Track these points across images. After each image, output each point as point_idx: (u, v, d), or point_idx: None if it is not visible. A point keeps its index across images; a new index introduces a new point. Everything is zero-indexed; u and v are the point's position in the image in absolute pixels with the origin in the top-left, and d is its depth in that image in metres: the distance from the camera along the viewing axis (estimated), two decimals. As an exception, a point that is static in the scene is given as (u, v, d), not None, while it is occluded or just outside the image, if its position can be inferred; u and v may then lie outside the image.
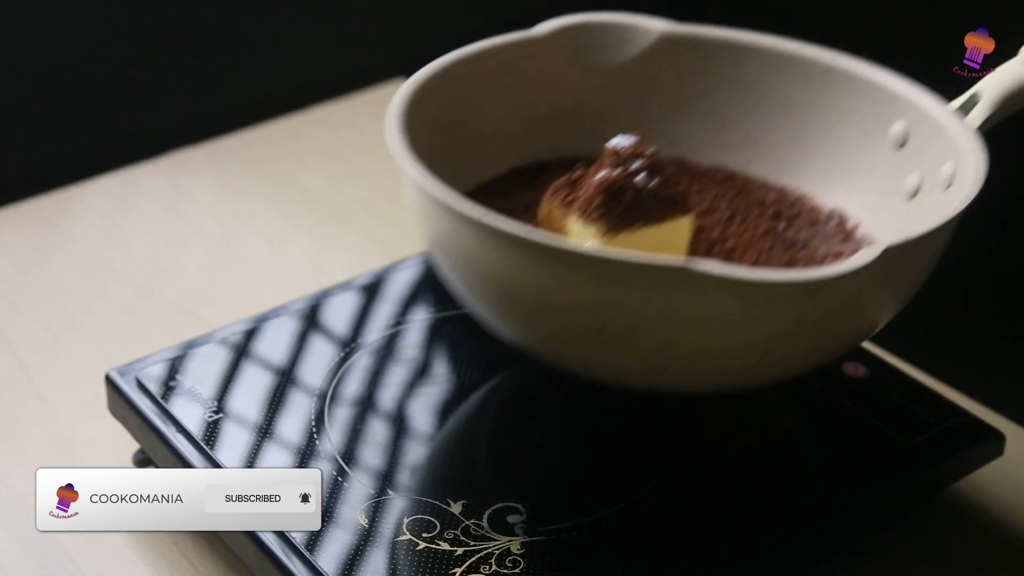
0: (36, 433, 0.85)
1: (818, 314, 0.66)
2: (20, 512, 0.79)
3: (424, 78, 0.79)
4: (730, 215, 0.81)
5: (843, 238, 0.81)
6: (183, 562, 0.76)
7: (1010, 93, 0.75)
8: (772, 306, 0.64)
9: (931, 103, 0.78)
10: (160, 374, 0.79)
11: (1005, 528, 0.80)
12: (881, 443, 0.77)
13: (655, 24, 0.86)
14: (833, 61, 0.82)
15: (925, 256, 0.70)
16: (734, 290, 0.62)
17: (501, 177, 0.85)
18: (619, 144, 0.73)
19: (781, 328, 0.66)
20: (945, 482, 0.80)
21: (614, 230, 0.71)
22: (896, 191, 0.79)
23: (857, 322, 0.70)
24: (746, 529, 0.72)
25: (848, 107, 0.81)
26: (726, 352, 0.67)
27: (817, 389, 0.81)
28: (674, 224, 0.73)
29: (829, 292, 0.64)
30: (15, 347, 0.92)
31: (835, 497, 0.74)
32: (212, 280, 1.00)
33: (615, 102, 0.86)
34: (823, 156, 0.83)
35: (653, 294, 0.64)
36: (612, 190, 0.71)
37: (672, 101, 0.86)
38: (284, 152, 1.17)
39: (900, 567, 0.77)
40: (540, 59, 0.84)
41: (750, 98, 0.85)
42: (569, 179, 0.74)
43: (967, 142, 0.74)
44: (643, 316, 0.65)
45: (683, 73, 0.86)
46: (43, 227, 1.06)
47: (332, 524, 0.70)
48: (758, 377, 0.70)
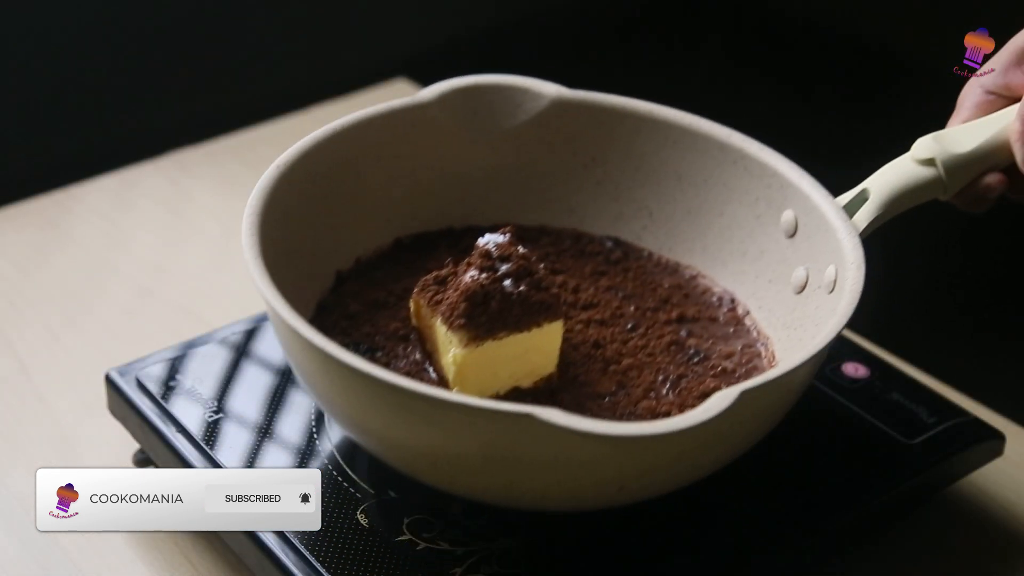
0: (36, 433, 0.85)
1: (671, 455, 0.64)
2: (20, 512, 0.79)
3: (300, 150, 0.76)
4: (633, 325, 0.77)
5: (735, 329, 0.78)
6: (183, 562, 0.76)
7: (898, 193, 0.73)
8: (620, 451, 0.62)
9: (820, 196, 0.74)
10: (160, 374, 0.79)
11: (1005, 528, 0.80)
12: (881, 443, 0.77)
13: (547, 88, 0.83)
14: (728, 139, 0.80)
15: (790, 387, 0.68)
16: (579, 439, 0.60)
17: (383, 250, 0.82)
18: (489, 243, 0.70)
19: (633, 468, 0.64)
20: (945, 482, 0.80)
21: (478, 339, 0.68)
22: (785, 282, 0.77)
23: (722, 450, 0.67)
24: (746, 529, 0.72)
25: (742, 187, 0.79)
26: (580, 486, 0.65)
27: (816, 389, 0.81)
28: (543, 330, 0.70)
29: (678, 439, 0.61)
30: (15, 347, 0.92)
31: (835, 497, 0.74)
32: (212, 280, 1.00)
33: (506, 167, 0.84)
34: (716, 234, 0.81)
35: (497, 438, 0.62)
36: (476, 298, 0.68)
37: (565, 168, 0.84)
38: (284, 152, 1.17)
39: (900, 567, 0.77)
40: (427, 125, 0.82)
41: (644, 168, 0.83)
42: (437, 276, 0.72)
43: (850, 250, 0.71)
44: (488, 457, 0.63)
45: (576, 139, 0.83)
46: (43, 227, 1.06)
47: (332, 524, 0.70)
48: (624, 500, 0.67)
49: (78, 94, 1.16)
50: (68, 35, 1.12)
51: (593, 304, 0.79)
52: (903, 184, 0.73)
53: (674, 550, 0.70)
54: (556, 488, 0.65)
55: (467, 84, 0.83)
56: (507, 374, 0.71)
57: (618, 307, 0.79)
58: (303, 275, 0.76)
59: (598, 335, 0.76)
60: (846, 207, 0.74)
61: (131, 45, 1.17)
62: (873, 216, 0.73)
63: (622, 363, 0.75)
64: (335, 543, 0.69)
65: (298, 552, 0.68)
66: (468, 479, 0.66)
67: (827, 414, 0.79)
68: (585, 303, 0.79)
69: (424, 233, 0.84)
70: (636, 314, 0.78)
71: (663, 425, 0.60)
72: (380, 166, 0.81)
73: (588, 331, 0.76)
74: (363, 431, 0.68)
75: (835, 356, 0.83)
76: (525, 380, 0.71)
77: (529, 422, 0.60)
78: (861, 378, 0.82)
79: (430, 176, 0.83)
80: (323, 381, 0.67)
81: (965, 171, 0.73)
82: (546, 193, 0.85)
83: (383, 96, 1.23)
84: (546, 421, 0.59)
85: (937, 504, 0.80)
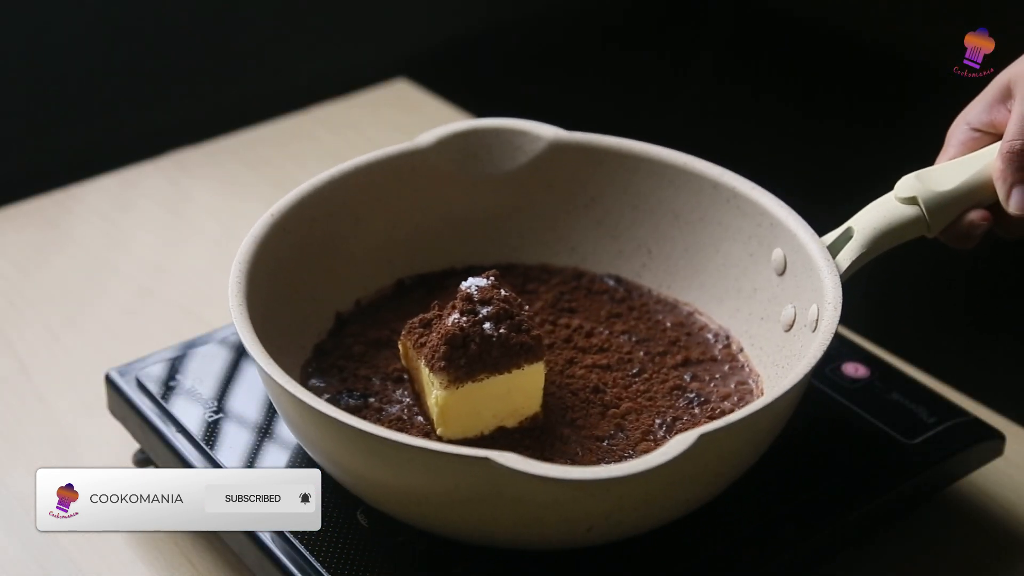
0: (36, 433, 0.85)
1: (637, 497, 0.64)
2: (20, 512, 0.79)
3: (295, 198, 0.78)
4: (638, 370, 0.77)
5: (730, 367, 0.78)
6: (183, 562, 0.76)
7: (881, 232, 0.72)
8: (583, 493, 0.62)
9: (807, 235, 0.74)
10: (160, 374, 0.79)
11: (1005, 528, 0.80)
12: (881, 443, 0.77)
13: (545, 130, 0.84)
14: (721, 177, 0.80)
15: (756, 429, 0.67)
16: (538, 483, 0.61)
17: (385, 292, 0.83)
18: (471, 287, 0.72)
19: (599, 510, 0.64)
20: (945, 482, 0.80)
21: (459, 381, 0.70)
22: (776, 320, 0.77)
23: (695, 490, 0.67)
24: (746, 529, 0.72)
25: (735, 225, 0.80)
26: (547, 527, 0.65)
27: (817, 389, 0.81)
28: (524, 372, 0.71)
29: (636, 481, 0.61)
30: (15, 347, 0.92)
31: (835, 497, 0.74)
32: (212, 280, 1.00)
33: (507, 208, 0.85)
34: (713, 272, 0.81)
35: (460, 481, 0.63)
36: (456, 341, 0.70)
37: (565, 208, 0.85)
38: (284, 152, 1.17)
39: (900, 567, 0.77)
40: (427, 170, 0.83)
41: (642, 207, 0.83)
42: (423, 319, 0.73)
43: (830, 290, 0.70)
44: (454, 500, 0.64)
45: (575, 180, 0.84)
46: (43, 227, 1.06)
47: (332, 524, 0.70)
48: (598, 540, 0.66)
49: (78, 94, 1.16)
50: (68, 35, 1.12)
51: (604, 348, 0.79)
52: (886, 223, 0.72)
53: (673, 550, 0.70)
54: (525, 529, 0.65)
55: (464, 129, 0.84)
56: (490, 414, 0.72)
57: (629, 352, 0.79)
58: (301, 318, 0.78)
59: (599, 380, 0.77)
60: (831, 246, 0.73)
61: (131, 45, 1.17)
62: (856, 255, 0.72)
63: (621, 407, 0.75)
64: (335, 543, 0.69)
65: (298, 552, 0.68)
66: (439, 519, 0.67)
67: (827, 414, 0.79)
68: (597, 347, 0.79)
69: (427, 274, 0.85)
70: (644, 359, 0.79)
71: (618, 469, 0.61)
72: (380, 210, 0.82)
73: (591, 375, 0.77)
74: (337, 469, 0.69)
75: (835, 356, 0.83)
76: (509, 420, 0.72)
77: (486, 466, 0.61)
78: (861, 378, 0.82)
79: (431, 219, 0.84)
80: (299, 423, 0.68)
81: (947, 210, 0.72)
82: (547, 233, 0.86)
83: (383, 96, 1.24)
84: (502, 465, 0.60)
85: (937, 504, 0.80)
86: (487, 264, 0.84)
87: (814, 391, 0.80)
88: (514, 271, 0.85)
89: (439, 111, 1.20)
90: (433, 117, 1.16)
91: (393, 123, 1.19)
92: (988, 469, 0.81)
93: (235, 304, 0.70)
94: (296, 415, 0.67)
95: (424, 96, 1.23)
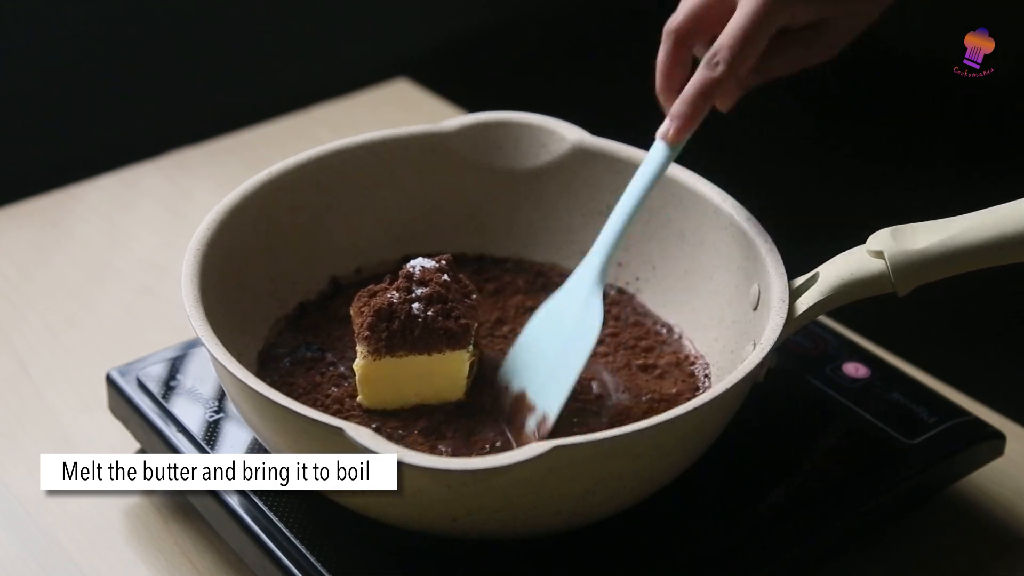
0: (36, 433, 0.85)
1: (497, 497, 0.63)
2: (20, 512, 0.79)
3: (303, 159, 0.81)
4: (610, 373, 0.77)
5: (689, 396, 0.76)
6: (183, 562, 0.76)
7: (843, 283, 0.69)
8: (437, 483, 0.62)
9: (777, 274, 0.72)
10: (161, 374, 0.79)
11: (1005, 528, 0.80)
12: (881, 443, 0.77)
13: (571, 132, 0.84)
14: (722, 204, 0.78)
15: (615, 451, 0.63)
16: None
17: (387, 264, 0.84)
18: (415, 267, 0.73)
19: (460, 504, 0.63)
20: (945, 482, 0.80)
21: (377, 353, 0.71)
22: (740, 354, 0.75)
23: (567, 504, 0.65)
24: (746, 529, 0.72)
25: (728, 254, 0.78)
26: (412, 510, 0.65)
27: (817, 389, 0.81)
28: (446, 357, 0.72)
29: (497, 478, 0.61)
30: (15, 347, 0.92)
31: (835, 497, 0.74)
32: (212, 280, 1.00)
33: (522, 204, 0.86)
34: (704, 296, 0.80)
35: (323, 448, 0.64)
36: (382, 314, 0.71)
37: (580, 212, 0.85)
38: (284, 152, 1.16)
39: (900, 567, 0.77)
40: (446, 153, 0.84)
41: (652, 222, 0.83)
42: (371, 290, 0.74)
43: (769, 331, 0.69)
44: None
45: (594, 186, 0.84)
46: (43, 227, 1.06)
47: (332, 524, 0.70)
48: (467, 533, 0.66)
49: (78, 94, 1.16)
50: (68, 35, 1.12)
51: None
52: (849, 274, 0.69)
53: (673, 550, 0.70)
54: (391, 508, 0.66)
55: (493, 119, 0.85)
56: (412, 392, 0.73)
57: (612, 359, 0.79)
58: (290, 278, 0.80)
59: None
60: (797, 288, 0.71)
61: (131, 45, 1.17)
62: (814, 302, 0.69)
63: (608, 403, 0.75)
64: (335, 542, 0.69)
65: (298, 552, 0.68)
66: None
67: (827, 414, 0.79)
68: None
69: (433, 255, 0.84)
70: (605, 354, 0.79)
71: (445, 463, 0.61)
72: (392, 185, 0.83)
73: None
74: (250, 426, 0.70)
75: (835, 356, 0.83)
76: (432, 401, 0.73)
77: (340, 436, 0.62)
78: (861, 378, 0.82)
79: (444, 203, 0.85)
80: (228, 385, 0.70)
81: (917, 273, 0.68)
82: (560, 235, 0.86)
83: (383, 96, 1.24)
84: (352, 439, 0.61)
85: (937, 504, 0.80)
86: (498, 256, 0.86)
87: (815, 391, 0.80)
88: (524, 267, 0.86)
89: (439, 111, 1.20)
90: (433, 117, 1.16)
91: (393, 123, 1.18)
92: (988, 469, 0.81)
93: (193, 249, 0.75)
94: (212, 362, 0.69)
95: (424, 96, 1.23)
